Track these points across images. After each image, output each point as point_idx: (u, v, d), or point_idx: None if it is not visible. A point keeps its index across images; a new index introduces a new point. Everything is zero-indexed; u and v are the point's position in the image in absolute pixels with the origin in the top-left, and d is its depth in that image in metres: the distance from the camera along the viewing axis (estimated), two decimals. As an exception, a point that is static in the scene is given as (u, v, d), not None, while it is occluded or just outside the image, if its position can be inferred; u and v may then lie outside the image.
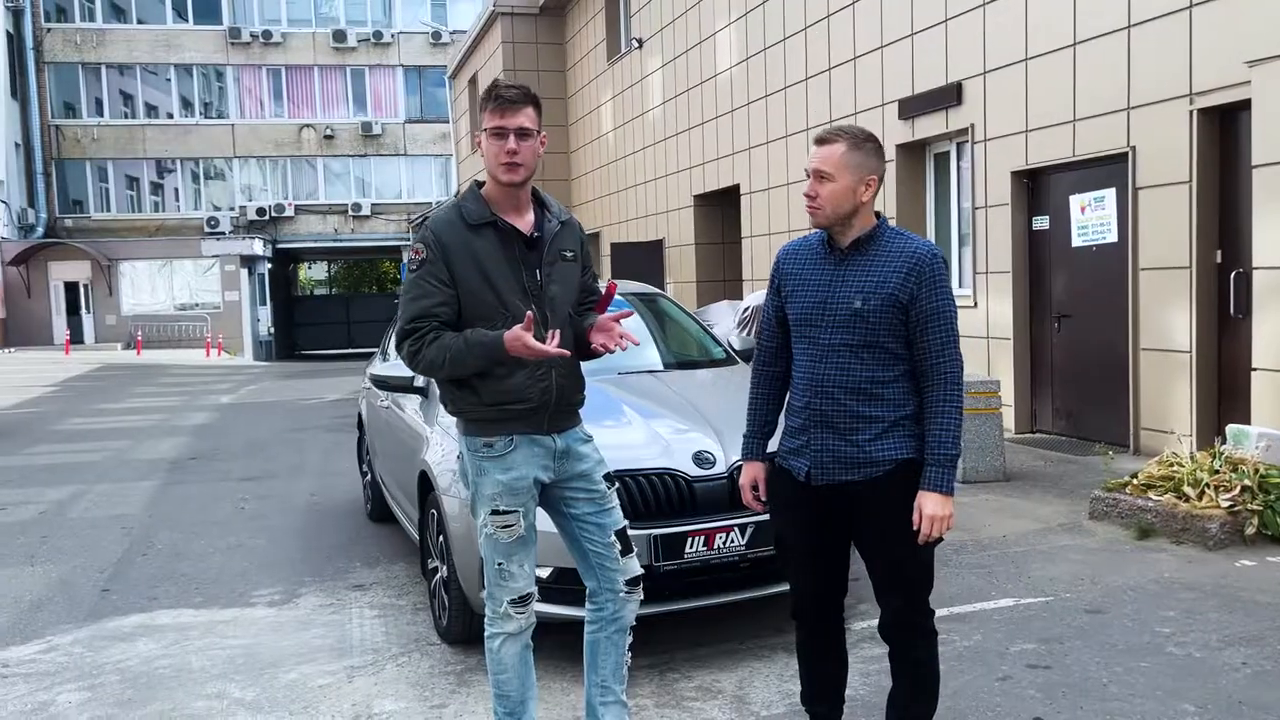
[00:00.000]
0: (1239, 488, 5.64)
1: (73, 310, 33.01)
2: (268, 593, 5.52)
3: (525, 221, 3.17)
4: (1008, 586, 5.09)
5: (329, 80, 36.72)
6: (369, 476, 7.12)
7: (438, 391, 5.06)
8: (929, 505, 2.88)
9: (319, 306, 44.17)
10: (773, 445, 3.21)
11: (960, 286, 10.57)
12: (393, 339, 7.24)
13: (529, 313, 2.98)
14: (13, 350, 30.46)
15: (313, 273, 49.91)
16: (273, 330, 37.03)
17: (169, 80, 35.87)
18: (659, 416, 4.63)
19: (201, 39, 35.66)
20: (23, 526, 7.35)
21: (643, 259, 17.69)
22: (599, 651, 3.29)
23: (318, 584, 5.64)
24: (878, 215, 3.06)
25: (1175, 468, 6.02)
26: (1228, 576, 5.09)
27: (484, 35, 23.98)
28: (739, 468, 3.37)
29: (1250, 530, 5.50)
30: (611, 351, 3.21)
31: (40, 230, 33.86)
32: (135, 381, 21.13)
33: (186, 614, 5.21)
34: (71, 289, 33.05)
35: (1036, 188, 9.41)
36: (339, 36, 36.07)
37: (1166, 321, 7.91)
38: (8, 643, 4.84)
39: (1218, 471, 5.81)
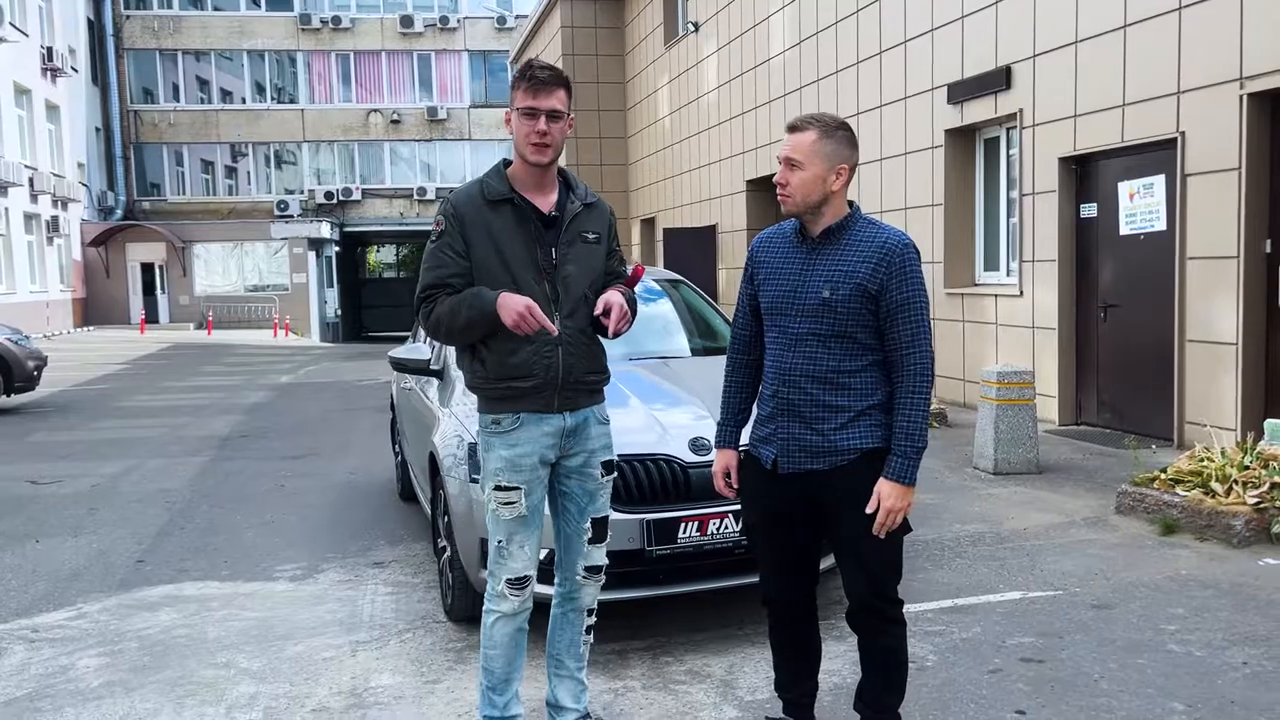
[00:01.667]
0: (1268, 484, 5.51)
1: (148, 290, 34.00)
2: (291, 568, 5.69)
3: (547, 201, 3.24)
4: (1017, 580, 5.05)
5: (396, 65, 37.23)
6: (399, 457, 7.28)
7: (453, 373, 5.18)
8: (887, 495, 2.89)
9: (386, 289, 44.88)
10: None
11: (1007, 275, 10.43)
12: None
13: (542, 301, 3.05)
14: (91, 329, 31.50)
15: (382, 255, 50.74)
16: (339, 312, 37.72)
17: (242, 66, 36.70)
18: (660, 402, 4.68)
19: (273, 25, 36.40)
20: (75, 498, 7.65)
21: (695, 244, 17.70)
22: (556, 626, 3.40)
23: (339, 560, 5.80)
24: (851, 205, 3.06)
25: (1205, 463, 5.89)
26: (1246, 575, 4.98)
27: (544, 19, 24.12)
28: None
29: (1277, 528, 5.36)
30: (612, 328, 3.13)
31: (119, 212, 34.91)
32: (202, 361, 21.72)
33: (211, 586, 5.40)
34: (148, 270, 34.03)
35: (1085, 174, 9.22)
36: (406, 22, 36.53)
37: (1213, 313, 7.71)
38: (42, 609, 5.07)
39: (1248, 467, 5.67)
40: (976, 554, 5.50)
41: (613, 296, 3.18)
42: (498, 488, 3.19)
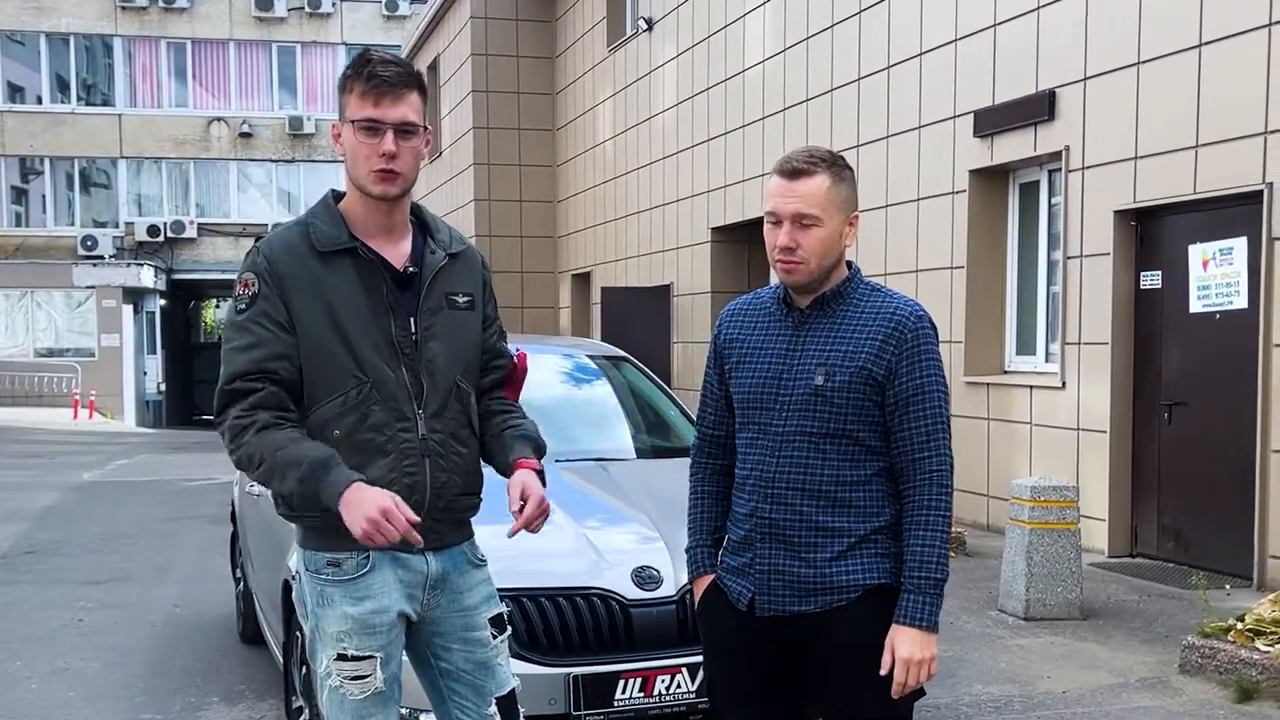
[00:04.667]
0: (1373, 638, 5.74)
1: (-102, 352, 33.46)
2: (92, 733, 5.68)
3: (398, 251, 3.16)
4: (1054, 759, 5.21)
5: (248, 60, 37.36)
6: (242, 585, 7.30)
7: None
8: (904, 644, 2.96)
9: (227, 357, 44.50)
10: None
11: (1046, 361, 10.75)
12: None
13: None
14: None
15: (223, 313, 50.37)
16: (163, 387, 37.36)
17: (38, 54, 36.52)
18: (595, 519, 4.82)
19: (83, 2, 36.36)
20: None
21: (643, 310, 17.93)
22: None
23: (158, 724, 5.80)
24: (849, 265, 3.20)
25: (1294, 609, 6.12)
26: (1345, 755, 5.19)
27: (449, 7, 24.51)
28: (690, 590, 3.48)
29: (1384, 695, 5.59)
30: (521, 524, 3.10)
31: None
32: (-29, 449, 21.43)
33: (-19, 758, 5.37)
34: (-102, 324, 33.54)
35: (1147, 234, 9.57)
36: (264, 4, 36.72)
37: (1306, 415, 8.02)
38: None
39: (1348, 616, 5.91)
40: (1002, 725, 5.66)
41: (529, 481, 3.12)
42: (342, 657, 3.05)
